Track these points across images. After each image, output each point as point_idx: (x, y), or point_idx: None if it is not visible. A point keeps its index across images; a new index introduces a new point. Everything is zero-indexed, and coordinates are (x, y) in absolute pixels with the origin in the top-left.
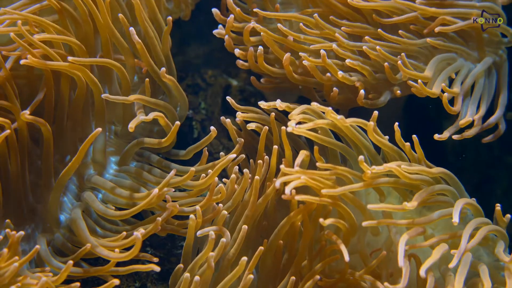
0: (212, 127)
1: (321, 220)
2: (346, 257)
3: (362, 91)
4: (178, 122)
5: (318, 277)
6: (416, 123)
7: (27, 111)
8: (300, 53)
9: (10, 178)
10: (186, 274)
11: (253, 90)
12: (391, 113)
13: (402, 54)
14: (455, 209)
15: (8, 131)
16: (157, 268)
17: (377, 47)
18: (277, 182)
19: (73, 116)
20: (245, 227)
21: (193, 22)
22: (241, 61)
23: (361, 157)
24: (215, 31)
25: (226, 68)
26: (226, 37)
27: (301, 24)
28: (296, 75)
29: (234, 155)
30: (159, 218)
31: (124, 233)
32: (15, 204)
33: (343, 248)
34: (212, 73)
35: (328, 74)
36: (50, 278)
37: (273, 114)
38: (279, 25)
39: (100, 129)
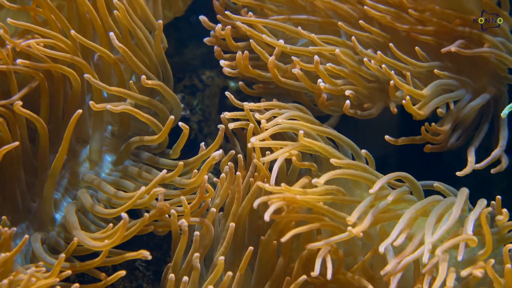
0: (172, 116)
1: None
2: (329, 274)
3: (347, 102)
4: (172, 117)
5: (304, 276)
6: (413, 128)
7: (19, 102)
8: (292, 57)
9: (6, 177)
10: (171, 275)
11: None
12: (387, 118)
13: (408, 74)
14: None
15: (17, 142)
16: (147, 253)
17: (383, 65)
18: (256, 203)
19: (69, 115)
20: (232, 225)
21: (190, 23)
22: (227, 69)
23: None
24: (205, 39)
25: None
26: (216, 47)
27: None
28: (283, 79)
29: (219, 152)
30: (146, 214)
31: (111, 224)
32: (10, 203)
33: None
34: (210, 74)
35: (319, 80)
36: (43, 274)
37: (248, 110)
38: (264, 36)
39: (80, 110)
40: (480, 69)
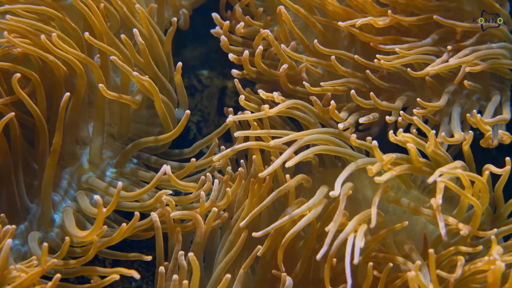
0: (188, 111)
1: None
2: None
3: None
4: (188, 112)
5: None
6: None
7: (18, 75)
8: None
9: (5, 178)
10: (160, 269)
11: None
12: None
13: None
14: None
15: (12, 113)
16: (137, 276)
17: (399, 118)
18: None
19: (69, 116)
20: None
21: (190, 24)
22: (236, 71)
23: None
24: (212, 30)
25: (222, 70)
26: (222, 37)
27: (315, 41)
28: (291, 86)
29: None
30: (137, 217)
31: (105, 226)
32: (9, 204)
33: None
34: (208, 75)
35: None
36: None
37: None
38: (282, 45)
39: (68, 93)
40: (481, 74)
